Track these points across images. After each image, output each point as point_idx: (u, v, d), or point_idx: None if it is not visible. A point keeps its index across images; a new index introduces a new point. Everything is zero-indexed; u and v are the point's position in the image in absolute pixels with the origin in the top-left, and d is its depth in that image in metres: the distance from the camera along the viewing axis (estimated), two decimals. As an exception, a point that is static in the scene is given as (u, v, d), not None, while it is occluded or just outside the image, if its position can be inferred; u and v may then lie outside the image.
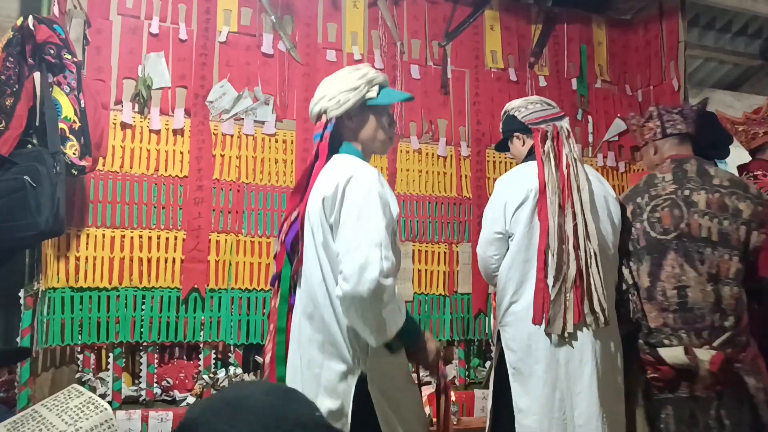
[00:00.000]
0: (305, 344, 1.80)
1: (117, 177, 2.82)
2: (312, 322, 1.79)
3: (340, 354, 1.75)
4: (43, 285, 2.66)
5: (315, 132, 1.91)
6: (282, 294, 1.88)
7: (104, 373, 2.76)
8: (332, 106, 1.87)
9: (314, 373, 1.77)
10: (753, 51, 5.13)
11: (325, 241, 1.75)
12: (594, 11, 3.90)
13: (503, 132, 2.51)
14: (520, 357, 2.22)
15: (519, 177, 2.33)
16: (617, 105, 3.83)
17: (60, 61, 2.47)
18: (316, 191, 1.81)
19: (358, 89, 1.87)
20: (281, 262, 1.90)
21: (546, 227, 2.20)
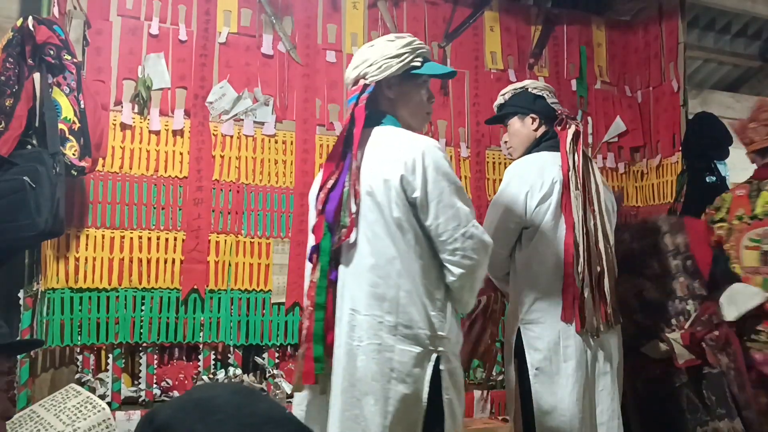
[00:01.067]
0: (372, 326, 1.69)
1: (117, 178, 2.83)
2: (382, 303, 1.69)
3: (416, 336, 1.69)
4: (42, 285, 2.66)
5: (350, 95, 1.82)
6: (322, 268, 1.74)
7: (104, 374, 2.75)
8: (373, 70, 1.79)
9: (385, 358, 1.68)
10: (752, 52, 5.14)
11: (402, 217, 1.70)
12: (594, 12, 3.90)
13: (514, 107, 2.37)
14: (547, 356, 2.14)
15: (538, 167, 2.23)
16: (617, 106, 3.83)
17: (60, 61, 2.47)
18: (381, 164, 1.73)
19: (401, 57, 1.79)
20: (320, 233, 1.75)
21: (572, 222, 2.15)
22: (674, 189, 3.50)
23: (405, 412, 1.68)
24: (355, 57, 1.86)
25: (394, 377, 1.68)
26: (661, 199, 3.67)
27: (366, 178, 1.74)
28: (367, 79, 1.80)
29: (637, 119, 3.84)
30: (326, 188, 1.76)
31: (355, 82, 1.83)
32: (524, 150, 2.36)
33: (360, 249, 1.73)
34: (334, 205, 1.74)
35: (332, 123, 3.20)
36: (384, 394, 1.67)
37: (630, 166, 3.84)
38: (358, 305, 1.71)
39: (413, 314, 1.70)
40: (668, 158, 3.66)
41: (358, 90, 1.80)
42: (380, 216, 1.72)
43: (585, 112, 3.76)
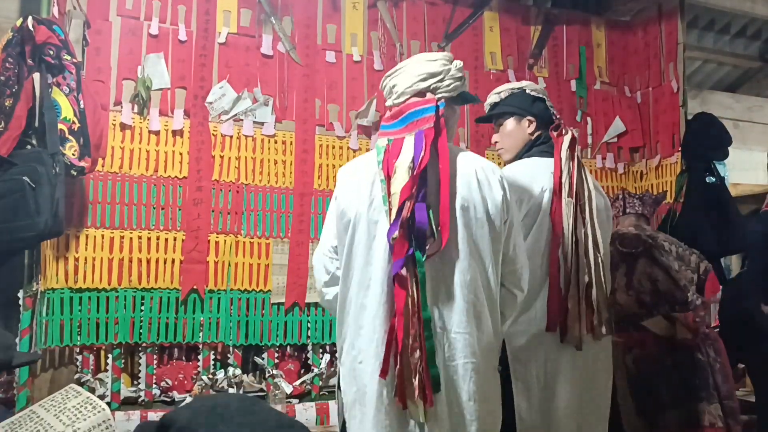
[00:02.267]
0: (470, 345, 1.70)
1: (116, 178, 2.82)
2: (479, 322, 1.72)
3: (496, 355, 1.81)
4: (42, 286, 2.66)
5: (419, 106, 1.78)
6: (422, 281, 1.66)
7: (103, 374, 2.76)
8: (444, 87, 1.81)
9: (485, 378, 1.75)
10: (752, 52, 5.14)
11: (495, 241, 1.77)
12: (593, 13, 3.90)
13: (510, 107, 2.33)
14: (529, 369, 2.10)
15: (530, 176, 2.19)
16: (616, 106, 3.84)
17: (59, 61, 2.47)
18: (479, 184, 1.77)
19: (462, 80, 1.85)
20: (406, 245, 1.67)
21: (560, 232, 2.12)
22: (674, 189, 3.50)
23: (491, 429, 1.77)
24: (416, 68, 1.83)
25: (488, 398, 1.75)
26: (660, 200, 3.67)
27: (461, 192, 1.75)
28: (437, 94, 1.80)
29: (637, 120, 3.84)
30: (413, 200, 1.68)
31: (421, 93, 1.81)
32: (516, 152, 2.32)
33: (451, 265, 1.71)
34: (425, 216, 1.68)
35: (332, 123, 3.20)
36: (479, 414, 1.71)
37: (629, 167, 3.84)
38: (452, 324, 1.70)
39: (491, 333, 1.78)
40: (667, 159, 3.66)
41: (431, 102, 1.77)
42: (477, 233, 1.74)
43: (584, 112, 3.76)
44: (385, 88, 1.90)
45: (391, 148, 1.75)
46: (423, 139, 1.72)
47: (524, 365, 2.12)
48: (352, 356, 1.74)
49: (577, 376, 2.14)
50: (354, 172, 1.85)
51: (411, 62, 1.86)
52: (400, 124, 1.79)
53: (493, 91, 2.42)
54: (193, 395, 2.84)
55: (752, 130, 5.05)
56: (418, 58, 1.88)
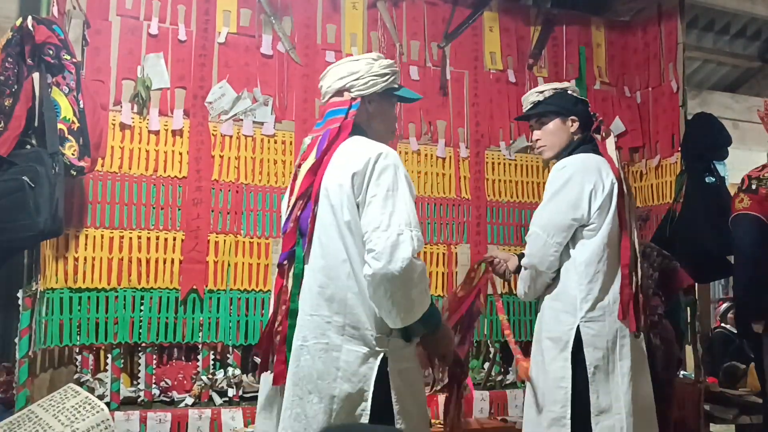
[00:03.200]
0: (320, 326, 1.74)
1: (116, 178, 2.82)
2: (331, 304, 1.74)
3: (362, 336, 1.73)
4: (41, 285, 2.65)
5: (334, 107, 1.86)
6: (296, 273, 1.79)
7: (102, 374, 2.75)
8: (359, 85, 1.86)
9: (332, 357, 1.72)
10: (751, 53, 5.15)
11: (351, 220, 1.73)
12: (593, 13, 3.90)
13: (555, 106, 2.40)
14: (605, 354, 2.21)
15: (597, 167, 2.29)
16: (616, 106, 3.84)
17: (59, 61, 2.47)
18: (337, 168, 1.77)
19: (385, 77, 1.89)
20: (293, 240, 1.81)
21: (626, 224, 2.27)
22: (673, 189, 3.50)
23: (349, 411, 1.72)
24: (338, 68, 1.91)
25: (340, 376, 1.71)
26: (660, 200, 3.68)
27: (324, 181, 1.79)
28: (353, 93, 1.86)
29: (636, 120, 3.84)
30: (304, 198, 1.81)
31: (339, 93, 1.88)
32: (558, 151, 2.40)
33: (314, 250, 1.78)
34: (308, 213, 1.79)
35: (331, 123, 3.20)
36: (329, 392, 1.71)
37: (629, 167, 3.84)
38: (306, 306, 1.77)
39: (361, 315, 1.73)
40: (667, 159, 3.66)
41: (345, 104, 1.85)
42: (333, 219, 1.76)
43: (584, 112, 3.76)
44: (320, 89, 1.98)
45: (307, 149, 1.88)
46: (326, 140, 1.82)
47: (599, 351, 2.21)
48: None
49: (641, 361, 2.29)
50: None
51: (337, 63, 1.95)
52: (321, 123, 1.89)
53: (533, 90, 2.51)
54: (192, 396, 2.84)
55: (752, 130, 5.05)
56: (345, 59, 1.96)
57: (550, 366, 2.28)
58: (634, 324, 2.23)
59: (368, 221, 1.70)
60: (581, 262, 2.25)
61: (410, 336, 1.78)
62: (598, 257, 2.24)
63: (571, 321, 2.24)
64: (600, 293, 2.23)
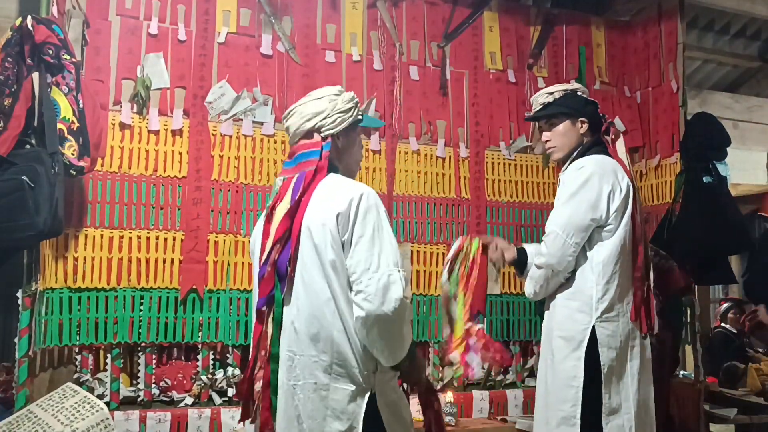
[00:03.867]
0: (308, 366, 1.75)
1: (115, 177, 2.82)
2: (317, 344, 1.75)
3: (350, 375, 1.74)
4: (41, 285, 2.65)
5: (306, 149, 1.87)
6: (276, 319, 1.80)
7: (102, 374, 2.75)
8: (328, 124, 1.88)
9: (321, 396, 1.74)
10: (751, 53, 5.15)
11: (336, 259, 1.73)
12: (593, 13, 3.90)
13: (566, 107, 2.41)
14: (618, 354, 2.24)
15: (613, 169, 2.33)
16: (616, 106, 3.83)
17: (59, 61, 2.47)
18: (320, 208, 1.77)
19: (350, 112, 1.92)
20: (271, 284, 1.81)
21: (639, 227, 2.31)
22: (673, 189, 3.50)
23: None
24: (303, 108, 1.91)
25: (329, 414, 1.73)
26: (659, 200, 3.67)
27: (306, 221, 1.79)
28: (323, 133, 1.88)
29: (636, 120, 3.84)
30: (282, 241, 1.80)
31: (308, 134, 1.89)
32: (568, 153, 2.42)
33: (296, 290, 1.78)
34: (287, 256, 1.79)
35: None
36: (320, 431, 1.73)
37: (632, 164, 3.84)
38: (294, 346, 1.77)
39: (347, 353, 1.74)
40: (667, 159, 3.66)
41: (317, 145, 1.86)
42: (317, 258, 1.76)
43: (584, 112, 3.76)
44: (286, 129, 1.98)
45: (280, 191, 1.88)
46: (302, 182, 1.82)
47: (613, 351, 2.24)
48: None
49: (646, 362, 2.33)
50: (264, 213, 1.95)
51: (301, 102, 1.95)
52: (292, 164, 1.90)
53: (543, 91, 2.52)
54: (191, 396, 2.84)
55: (752, 130, 5.06)
56: (308, 96, 1.96)
57: (560, 365, 2.28)
58: (645, 325, 2.28)
59: (356, 262, 1.71)
60: (599, 262, 2.27)
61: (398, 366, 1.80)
62: (615, 258, 2.27)
63: (587, 320, 2.26)
64: (616, 293, 2.26)
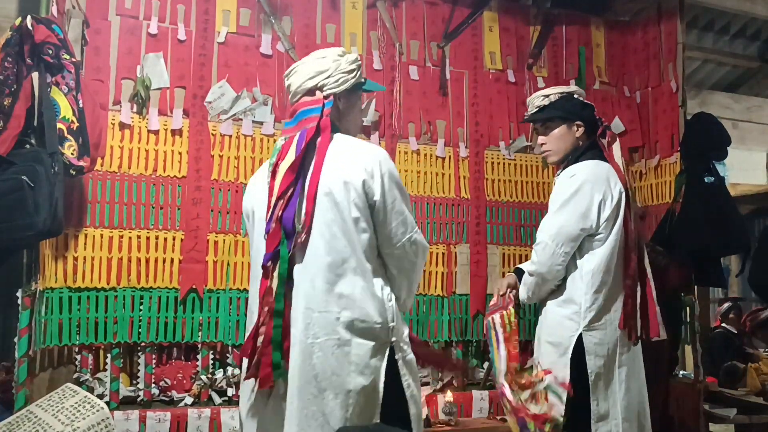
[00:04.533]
0: (329, 323, 1.77)
1: (115, 177, 2.82)
2: (339, 300, 1.79)
3: (371, 330, 1.79)
4: (40, 285, 2.65)
5: (307, 106, 1.90)
6: (281, 274, 1.81)
7: (102, 374, 2.75)
8: (331, 83, 1.91)
9: (344, 352, 1.77)
10: (751, 53, 5.15)
11: (361, 217, 1.81)
12: (592, 13, 3.90)
13: (562, 111, 2.41)
14: (606, 362, 2.24)
15: (606, 176, 2.33)
16: (615, 106, 3.83)
17: (58, 61, 2.47)
18: (340, 168, 1.82)
19: (353, 73, 1.95)
20: (277, 239, 1.82)
21: (632, 234, 2.28)
22: (673, 189, 3.50)
23: (365, 404, 1.77)
24: (305, 67, 1.95)
25: (353, 370, 1.77)
26: (659, 200, 3.67)
27: (324, 180, 1.83)
28: (324, 91, 1.90)
29: (636, 120, 3.84)
30: (285, 197, 1.83)
31: (310, 92, 1.92)
32: (564, 156, 2.42)
33: (315, 248, 1.81)
34: (292, 212, 1.82)
35: (331, 123, 3.20)
36: (344, 387, 1.76)
37: (628, 167, 3.82)
38: (313, 303, 1.79)
39: (369, 309, 1.80)
40: (667, 159, 3.66)
41: (318, 103, 1.89)
42: (338, 215, 1.80)
43: (584, 112, 3.76)
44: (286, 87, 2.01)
45: (282, 149, 1.89)
46: (304, 138, 1.85)
47: (601, 359, 2.24)
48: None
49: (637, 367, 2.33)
50: (258, 173, 2.02)
51: (304, 61, 1.99)
52: (293, 123, 1.92)
53: (538, 93, 2.52)
54: (191, 395, 2.84)
55: (751, 130, 5.06)
56: (311, 56, 2.00)
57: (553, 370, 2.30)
58: (634, 334, 2.27)
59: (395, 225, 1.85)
60: (588, 271, 2.27)
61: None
62: (606, 267, 2.27)
63: (575, 328, 2.26)
64: (605, 302, 2.26)
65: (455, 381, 3.30)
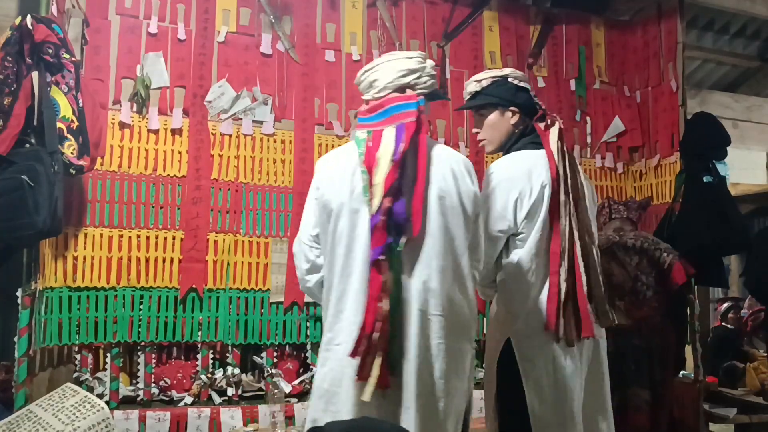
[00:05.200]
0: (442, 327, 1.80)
1: (115, 177, 2.82)
2: (452, 305, 1.83)
3: (469, 336, 1.88)
4: (40, 284, 2.65)
5: (400, 101, 1.85)
6: (396, 269, 1.75)
7: (102, 373, 2.75)
8: (422, 84, 1.91)
9: (455, 357, 1.82)
10: (751, 52, 5.14)
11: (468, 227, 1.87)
12: (593, 12, 3.90)
13: (493, 97, 2.23)
14: (538, 366, 2.07)
15: (526, 169, 2.12)
16: (616, 106, 3.83)
17: (58, 60, 2.47)
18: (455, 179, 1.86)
19: (434, 77, 1.95)
20: (385, 234, 1.74)
21: (559, 228, 2.07)
22: (673, 189, 3.50)
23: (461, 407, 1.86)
24: (394, 64, 1.91)
25: (454, 375, 1.81)
26: (659, 199, 3.67)
27: (436, 182, 1.84)
28: (416, 90, 1.89)
29: (636, 119, 3.84)
30: (394, 190, 1.75)
31: (401, 89, 1.89)
32: (500, 145, 2.25)
33: (430, 248, 1.80)
34: (402, 206, 1.76)
35: (331, 122, 3.20)
36: (451, 390, 1.80)
37: (628, 166, 3.84)
38: (428, 306, 1.79)
39: (467, 315, 1.87)
40: (667, 158, 3.66)
41: (413, 98, 1.86)
42: (453, 221, 1.83)
43: (584, 111, 3.75)
44: (363, 82, 1.95)
45: (371, 140, 1.81)
46: (404, 131, 1.79)
47: (533, 363, 2.08)
48: (328, 338, 1.83)
49: (582, 370, 2.14)
50: (335, 162, 1.90)
51: (389, 58, 1.94)
52: (380, 117, 1.85)
53: (472, 78, 2.31)
54: (191, 395, 2.84)
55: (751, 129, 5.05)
56: (396, 54, 1.98)
57: (486, 375, 2.23)
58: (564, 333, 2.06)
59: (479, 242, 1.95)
60: (510, 274, 2.11)
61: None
62: (527, 268, 2.09)
63: (504, 331, 2.13)
64: (529, 305, 2.08)
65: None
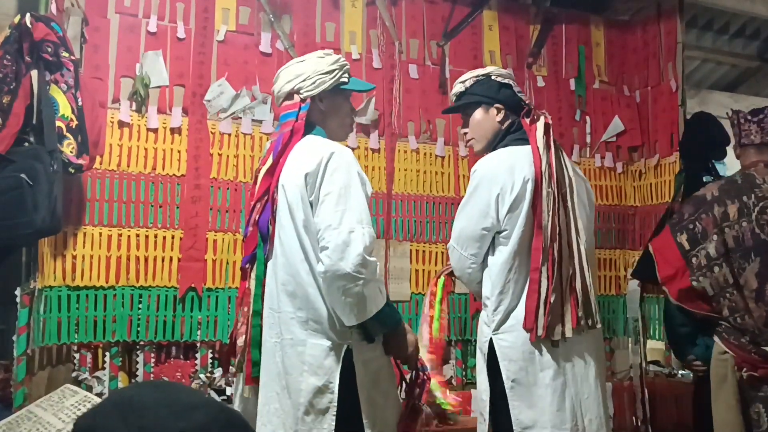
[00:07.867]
0: (286, 322, 1.82)
1: (114, 175, 2.82)
2: (294, 300, 1.81)
3: (324, 330, 1.79)
4: (39, 283, 2.65)
5: (286, 111, 1.94)
6: (258, 276, 1.89)
7: (100, 372, 2.75)
8: (307, 85, 1.92)
9: (297, 351, 1.80)
10: (751, 52, 5.14)
11: (306, 218, 1.79)
12: (592, 12, 3.90)
13: (476, 96, 2.22)
14: (522, 366, 2.03)
15: (508, 165, 2.09)
16: (615, 105, 3.83)
17: (57, 59, 2.47)
18: (293, 168, 1.84)
19: (333, 73, 1.94)
20: (254, 243, 1.91)
21: (541, 223, 2.04)
22: (672, 189, 3.50)
23: (317, 404, 1.76)
24: (286, 72, 1.98)
25: (306, 370, 1.77)
26: (659, 199, 3.68)
27: (281, 181, 1.86)
28: (302, 94, 1.92)
29: (636, 119, 3.84)
30: (262, 201, 1.88)
31: (288, 96, 1.94)
32: (487, 143, 2.23)
33: (276, 249, 1.86)
34: (267, 216, 1.87)
35: (330, 121, 3.19)
36: (297, 386, 1.77)
37: (628, 166, 3.84)
38: (274, 303, 1.85)
39: (322, 310, 1.79)
40: (666, 158, 3.66)
41: (295, 106, 1.91)
42: (290, 217, 1.81)
43: (583, 111, 3.76)
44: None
45: (266, 154, 1.95)
46: (280, 143, 1.89)
47: (515, 363, 2.05)
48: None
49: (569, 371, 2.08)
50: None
51: (286, 66, 2.01)
52: (277, 128, 1.99)
53: (457, 80, 2.31)
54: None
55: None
56: (293, 61, 2.03)
57: (478, 377, 2.19)
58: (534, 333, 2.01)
59: (321, 219, 1.75)
60: (493, 272, 2.09)
61: (371, 335, 1.81)
62: (509, 266, 2.06)
63: (488, 332, 2.10)
64: (513, 303, 2.06)
65: (454, 380, 3.30)
